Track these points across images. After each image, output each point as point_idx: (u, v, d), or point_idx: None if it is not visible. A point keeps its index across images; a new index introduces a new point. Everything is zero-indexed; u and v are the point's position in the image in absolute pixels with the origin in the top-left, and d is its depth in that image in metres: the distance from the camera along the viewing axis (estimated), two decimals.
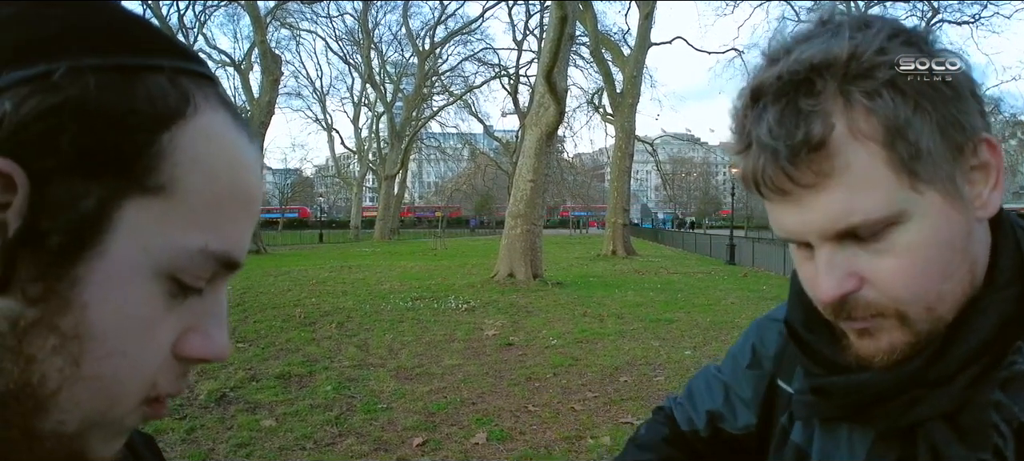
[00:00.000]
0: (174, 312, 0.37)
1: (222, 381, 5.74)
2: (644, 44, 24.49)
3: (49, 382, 0.33)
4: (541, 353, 6.99)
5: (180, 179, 0.35)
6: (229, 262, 0.39)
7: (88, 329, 0.34)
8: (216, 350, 0.40)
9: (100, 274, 0.33)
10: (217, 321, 0.40)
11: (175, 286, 0.37)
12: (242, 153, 0.39)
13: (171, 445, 4.27)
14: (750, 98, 0.56)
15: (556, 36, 11.82)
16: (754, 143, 0.55)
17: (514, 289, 12.30)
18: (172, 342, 0.38)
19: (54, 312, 0.33)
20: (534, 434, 4.54)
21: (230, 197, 0.38)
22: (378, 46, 44.25)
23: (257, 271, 16.87)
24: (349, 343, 7.53)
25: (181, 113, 0.36)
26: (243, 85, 29.03)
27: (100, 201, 0.33)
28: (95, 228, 0.33)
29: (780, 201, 0.57)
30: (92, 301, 0.33)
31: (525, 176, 13.31)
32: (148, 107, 0.34)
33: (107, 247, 0.34)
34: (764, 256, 18.76)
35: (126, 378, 0.36)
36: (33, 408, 0.34)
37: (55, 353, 0.33)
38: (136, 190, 0.34)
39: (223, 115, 0.38)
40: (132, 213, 0.34)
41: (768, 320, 0.85)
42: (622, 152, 24.10)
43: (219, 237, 0.37)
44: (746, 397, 0.84)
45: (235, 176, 0.38)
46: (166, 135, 0.35)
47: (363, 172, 49.97)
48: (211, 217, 0.37)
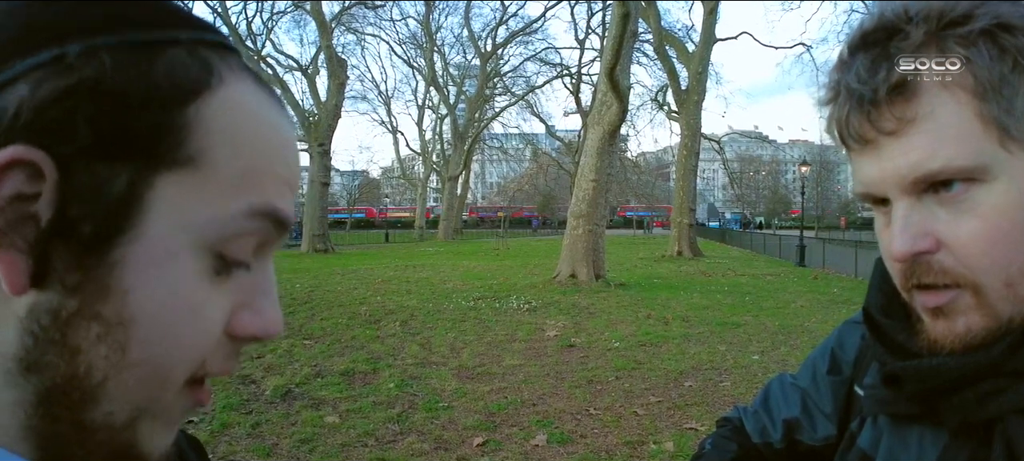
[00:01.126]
0: (222, 289, 0.36)
1: (288, 377, 5.88)
2: (709, 40, 24.01)
3: (96, 372, 0.33)
4: (603, 355, 6.90)
5: (210, 150, 0.34)
6: (276, 218, 0.37)
7: (132, 314, 0.33)
8: (268, 326, 0.38)
9: (139, 257, 0.33)
10: (267, 295, 0.39)
11: (220, 262, 0.36)
12: (274, 118, 0.38)
13: (236, 439, 4.39)
14: (845, 49, 0.55)
15: (618, 33, 11.67)
16: (842, 91, 0.54)
17: (576, 290, 12.21)
18: (223, 321, 0.37)
19: (95, 300, 0.32)
20: (595, 438, 4.46)
21: (266, 159, 0.37)
22: (441, 49, 44.85)
23: (325, 270, 17.31)
24: (412, 341, 7.61)
25: (205, 84, 0.35)
26: (310, 89, 29.76)
27: (130, 182, 0.32)
28: (128, 210, 0.32)
29: (861, 151, 0.55)
30: (134, 285, 0.33)
31: (587, 176, 13.19)
32: (169, 81, 0.33)
33: (143, 228, 0.33)
34: (835, 258, 18.21)
35: (176, 361, 0.35)
36: (81, 400, 0.33)
37: (100, 342, 0.32)
38: (166, 167, 0.33)
39: (248, 82, 0.37)
40: (165, 190, 0.33)
41: (850, 324, 0.80)
42: (688, 150, 23.68)
43: (261, 196, 0.36)
44: (826, 406, 0.79)
45: (268, 139, 0.37)
46: (191, 107, 0.34)
47: (427, 173, 50.68)
48: (248, 181, 0.36)
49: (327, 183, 27.11)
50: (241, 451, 4.19)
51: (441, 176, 46.32)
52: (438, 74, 44.16)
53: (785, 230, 46.28)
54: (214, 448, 4.21)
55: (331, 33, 27.84)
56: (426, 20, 41.40)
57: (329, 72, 26.12)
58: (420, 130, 50.06)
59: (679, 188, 24.38)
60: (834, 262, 18.08)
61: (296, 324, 8.83)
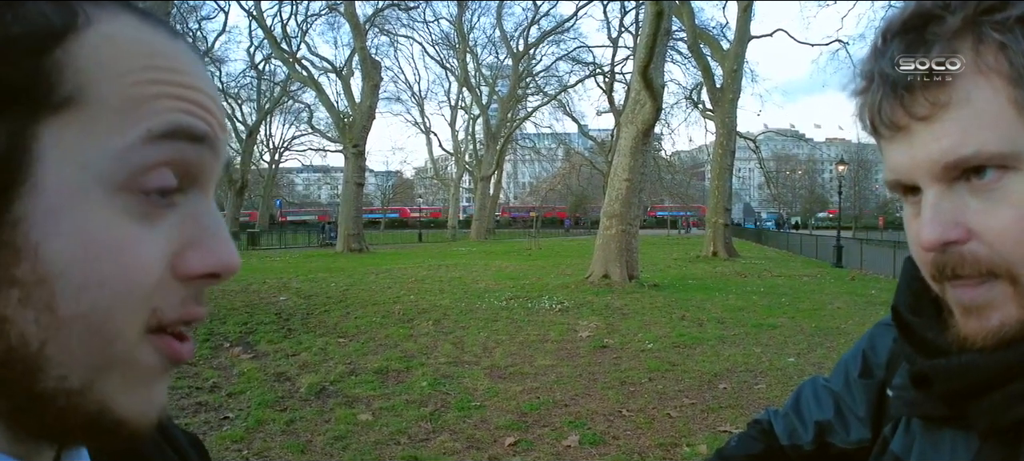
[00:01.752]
0: (155, 228, 0.35)
1: (322, 375, 5.96)
2: (743, 37, 23.67)
3: (30, 338, 0.32)
4: (636, 357, 6.84)
5: (89, 85, 0.33)
6: (188, 133, 0.36)
7: (49, 269, 0.32)
8: (218, 261, 0.37)
9: (41, 207, 0.32)
10: (212, 232, 0.37)
11: (143, 198, 0.34)
12: (159, 42, 0.37)
13: (271, 436, 4.46)
14: (879, 37, 0.54)
15: (652, 31, 11.57)
16: (876, 78, 0.53)
17: (609, 290, 12.13)
18: (166, 262, 0.35)
19: (7, 263, 0.31)
20: (628, 439, 4.43)
21: (157, 83, 0.35)
22: (473, 49, 44.96)
23: (359, 269, 17.50)
24: (445, 340, 7.65)
25: (70, 26, 0.33)
26: (345, 91, 30.11)
27: (10, 135, 0.31)
28: (17, 163, 0.31)
29: (892, 138, 0.54)
30: (43, 238, 0.32)
31: (621, 175, 13.11)
32: (24, 29, 0.32)
33: (38, 178, 0.32)
34: (873, 258, 17.83)
35: (111, 309, 0.33)
36: (25, 370, 0.32)
37: (24, 305, 0.31)
38: (45, 112, 0.32)
39: (125, 17, 0.36)
40: (53, 136, 0.32)
41: (881, 326, 0.78)
42: (723, 149, 23.39)
43: (159, 119, 0.35)
44: (859, 409, 0.78)
45: (156, 64, 0.36)
46: (58, 50, 0.33)
47: (459, 173, 50.92)
48: (141, 107, 0.34)
49: (362, 183, 27.39)
50: (275, 448, 4.25)
51: (473, 176, 46.49)
52: (471, 75, 44.35)
53: (822, 230, 45.41)
54: (249, 444, 4.28)
55: (365, 35, 28.14)
56: (459, 21, 41.60)
57: (363, 74, 26.39)
58: (453, 130, 50.34)
59: (714, 187, 24.09)
60: (872, 263, 17.70)
61: (331, 322, 8.94)
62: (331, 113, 27.90)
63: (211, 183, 0.38)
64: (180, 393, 5.36)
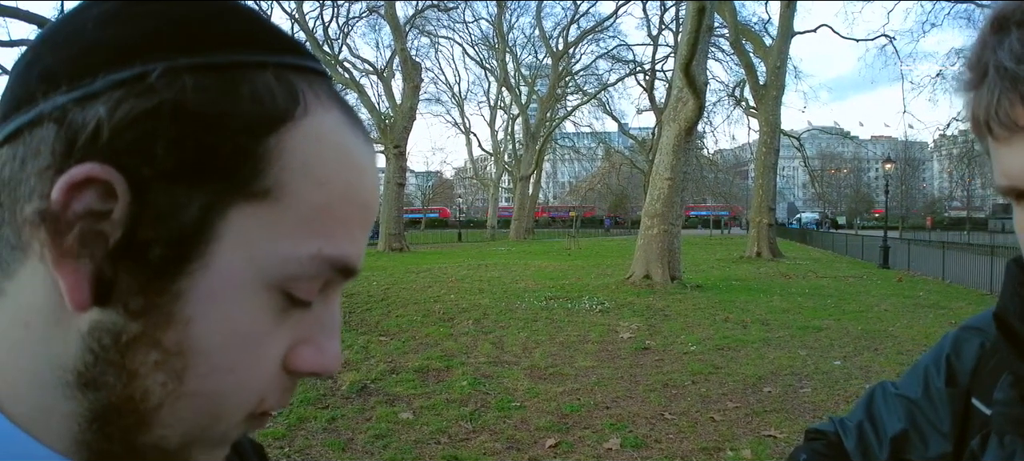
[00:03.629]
0: (284, 325, 0.35)
1: (364, 373, 6.01)
2: (787, 33, 23.14)
3: (151, 397, 0.32)
4: (679, 359, 6.74)
5: (288, 184, 0.33)
6: (345, 268, 0.36)
7: (192, 345, 0.32)
8: (327, 364, 0.38)
9: (204, 288, 0.32)
10: (329, 333, 0.38)
11: (285, 299, 0.35)
12: (357, 156, 0.36)
13: (313, 433, 4.51)
14: (991, 27, 0.49)
15: (694, 28, 11.40)
16: (991, 72, 0.48)
17: (650, 291, 11.99)
18: (282, 356, 0.36)
19: (156, 327, 0.32)
20: (670, 443, 4.36)
21: (343, 202, 0.35)
22: (512, 49, 44.95)
23: (400, 268, 17.66)
24: (485, 340, 7.65)
25: (289, 114, 0.33)
26: (386, 92, 30.39)
27: (202, 209, 0.32)
28: (198, 238, 0.32)
29: (1008, 140, 0.49)
30: (196, 316, 0.32)
31: (662, 174, 12.95)
32: (252, 108, 0.32)
33: (211, 259, 0.32)
34: (921, 259, 17.30)
35: (231, 395, 0.34)
36: (135, 423, 0.33)
37: (157, 368, 0.32)
38: (241, 197, 0.32)
39: (336, 115, 0.36)
40: (237, 222, 0.32)
41: (965, 331, 0.72)
42: (767, 147, 22.93)
43: (332, 243, 0.35)
44: (943, 423, 0.72)
45: (349, 180, 0.36)
46: (273, 138, 0.33)
47: (499, 173, 51.01)
48: (323, 223, 0.35)
49: (403, 184, 27.66)
50: (317, 445, 4.30)
51: (513, 176, 46.50)
52: (510, 75, 44.35)
53: (868, 230, 44.20)
54: (291, 441, 4.34)
55: (405, 36, 28.39)
56: (498, 21, 41.65)
57: (404, 75, 26.63)
58: (492, 131, 50.43)
59: (758, 186, 23.64)
60: (920, 264, 17.16)
61: (372, 321, 9.03)
62: (372, 114, 28.16)
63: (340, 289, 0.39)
64: None
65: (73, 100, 0.31)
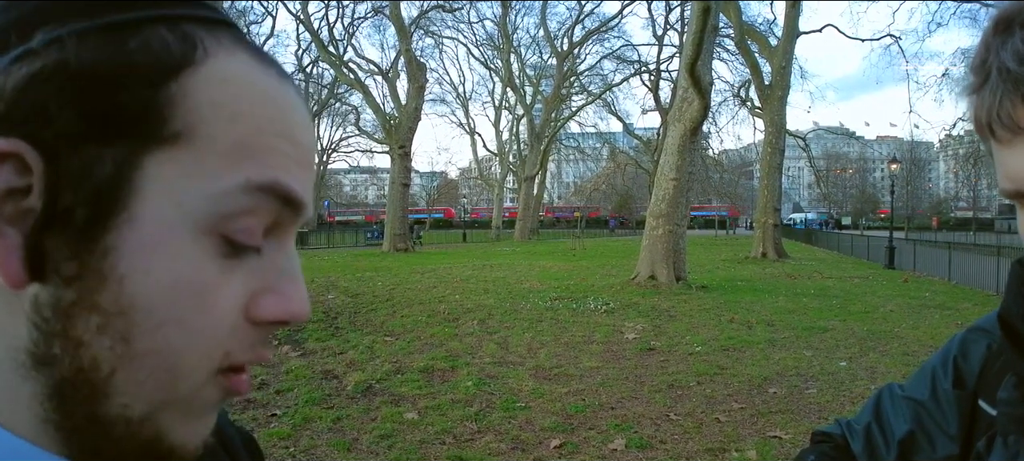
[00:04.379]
0: (236, 273, 0.35)
1: (369, 373, 6.02)
2: (792, 33, 23.11)
3: (102, 364, 0.32)
4: (684, 360, 6.73)
5: (199, 124, 0.33)
6: (284, 195, 0.36)
7: (131, 302, 0.32)
8: (293, 309, 0.37)
9: (134, 241, 0.32)
10: (290, 277, 0.37)
11: (226, 244, 0.34)
12: (272, 92, 0.36)
13: (318, 433, 4.52)
14: (995, 28, 0.49)
15: (699, 28, 11.38)
16: (994, 74, 0.48)
17: (655, 292, 11.98)
18: (242, 305, 0.35)
19: (92, 290, 0.32)
20: (675, 444, 4.35)
21: (266, 134, 0.35)
22: (517, 50, 44.98)
23: (405, 268, 17.68)
24: (490, 340, 7.65)
25: (189, 58, 0.33)
26: (391, 92, 30.43)
27: (116, 164, 0.32)
28: (117, 193, 0.32)
29: (1011, 142, 0.49)
30: (130, 271, 0.32)
31: (668, 174, 12.93)
32: (144, 58, 0.32)
33: (135, 210, 0.32)
34: (927, 260, 17.22)
35: (186, 349, 0.34)
36: (91, 394, 0.32)
37: (101, 332, 0.32)
38: (153, 145, 0.32)
39: (242, 56, 0.36)
40: (155, 170, 0.32)
41: (972, 332, 0.72)
42: (772, 148, 22.89)
43: (260, 170, 0.35)
44: (951, 426, 0.71)
45: (266, 111, 0.36)
46: (173, 84, 0.33)
47: (504, 173, 50.99)
48: (246, 154, 0.34)
49: (407, 184, 27.71)
50: (322, 445, 4.31)
51: (517, 176, 46.49)
52: (515, 75, 44.35)
53: (873, 230, 44.07)
54: (296, 441, 4.35)
55: (410, 37, 28.40)
56: (503, 21, 41.65)
57: (409, 76, 26.64)
58: (497, 131, 50.45)
59: (763, 186, 23.60)
60: (926, 265, 17.09)
61: (377, 321, 9.05)
62: (378, 115, 28.20)
63: (292, 232, 0.38)
64: None
65: None
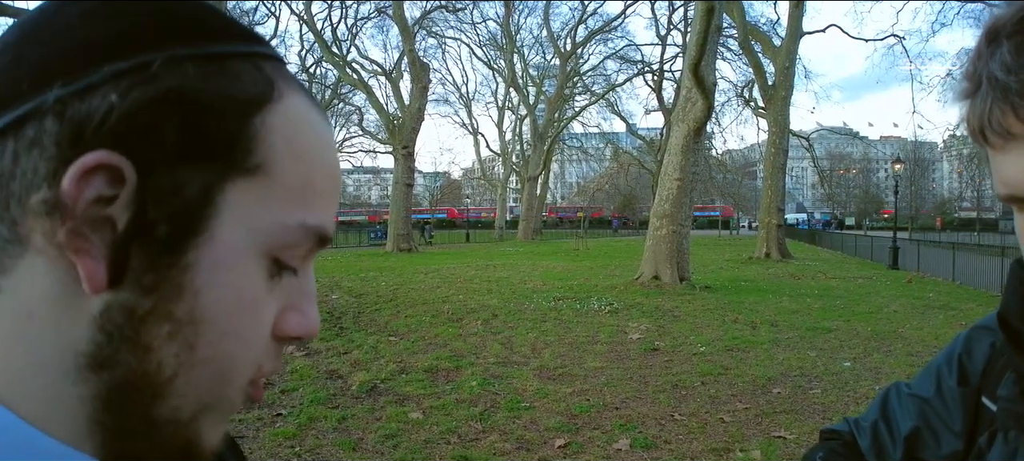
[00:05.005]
0: (274, 292, 0.38)
1: (374, 373, 6.04)
2: (795, 33, 23.08)
3: (166, 369, 0.34)
4: (688, 360, 6.74)
5: (274, 160, 0.36)
6: (323, 236, 0.39)
7: (201, 314, 0.34)
8: (311, 327, 0.40)
9: (209, 259, 0.34)
10: (310, 298, 0.41)
11: (275, 266, 0.37)
12: (323, 132, 0.40)
13: (323, 433, 4.53)
14: (985, 38, 0.50)
15: (702, 28, 11.38)
16: (984, 82, 0.50)
17: (659, 292, 11.98)
18: (272, 322, 0.38)
19: (168, 299, 0.34)
20: (680, 444, 4.36)
21: (319, 174, 0.39)
22: (520, 50, 44.96)
23: (409, 268, 17.70)
24: (494, 340, 7.67)
25: (268, 96, 0.36)
26: (394, 93, 30.47)
27: (204, 187, 0.34)
28: (201, 214, 0.34)
29: (1004, 148, 0.51)
30: (204, 286, 0.34)
31: (671, 174, 12.93)
32: (241, 92, 0.35)
33: (214, 231, 0.34)
34: (931, 260, 17.20)
35: (238, 359, 0.37)
36: (152, 396, 0.34)
37: (170, 340, 0.34)
38: (236, 173, 0.35)
39: (302, 96, 0.39)
40: (234, 196, 0.35)
41: (977, 330, 0.74)
42: (776, 148, 22.86)
43: (313, 213, 0.38)
44: (955, 422, 0.73)
45: (322, 154, 0.39)
46: (258, 118, 0.36)
47: (507, 174, 51.02)
48: (305, 194, 0.38)
49: (411, 185, 27.71)
50: (327, 445, 4.33)
51: (520, 176, 46.49)
52: (518, 75, 44.35)
53: (877, 231, 43.98)
54: (301, 441, 4.37)
55: (413, 37, 28.41)
56: (506, 22, 41.67)
57: (412, 76, 26.66)
58: (500, 131, 50.52)
59: (767, 187, 23.57)
60: (930, 265, 17.07)
61: (382, 321, 9.06)
62: (381, 115, 28.27)
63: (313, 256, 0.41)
64: None
65: (73, 92, 0.32)
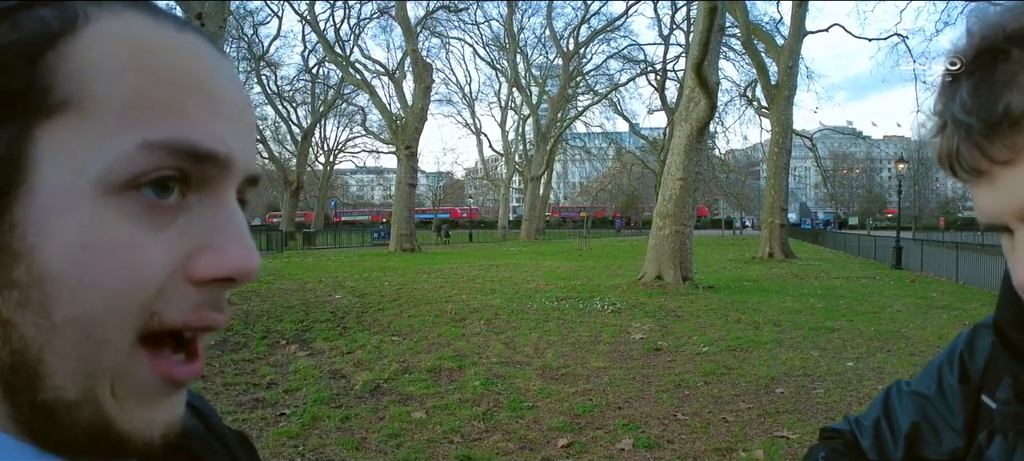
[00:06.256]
0: (166, 231, 0.34)
1: (376, 372, 6.05)
2: (798, 33, 23.05)
3: (31, 342, 0.32)
4: (691, 360, 6.73)
5: (86, 88, 0.33)
6: (191, 151, 0.34)
7: (43, 271, 0.32)
8: (232, 264, 0.36)
9: (36, 211, 0.32)
10: (229, 233, 0.36)
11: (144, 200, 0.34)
12: (170, 42, 0.35)
13: (327, 432, 4.54)
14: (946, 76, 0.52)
15: (705, 28, 11.37)
16: (949, 122, 0.51)
17: (662, 292, 11.98)
18: (175, 265, 0.35)
19: (6, 266, 0.32)
20: (683, 444, 4.36)
21: (158, 85, 0.34)
22: (523, 49, 44.97)
23: (411, 268, 17.71)
24: (497, 340, 7.67)
25: (67, 27, 0.33)
26: (397, 93, 30.49)
27: (8, 141, 0.32)
28: (14, 167, 0.32)
29: (977, 182, 0.52)
30: (37, 241, 0.32)
31: (674, 174, 12.92)
32: (17, 36, 0.33)
33: (34, 182, 0.32)
34: (935, 260, 17.13)
35: (105, 313, 0.33)
36: (28, 377, 0.32)
37: (23, 307, 0.32)
38: (41, 116, 0.32)
39: (132, 15, 0.35)
40: (47, 139, 0.32)
41: (978, 328, 0.75)
42: (779, 147, 22.83)
43: (157, 128, 0.34)
44: (956, 420, 0.73)
45: (165, 65, 0.35)
46: (51, 53, 0.33)
47: (510, 174, 51.03)
48: (140, 111, 0.34)
49: (414, 185, 27.73)
50: (330, 444, 4.33)
51: (523, 176, 46.50)
52: (521, 75, 44.37)
53: (880, 230, 43.94)
54: (305, 440, 4.37)
55: (416, 37, 28.44)
56: (509, 22, 41.70)
57: (415, 76, 26.70)
58: (503, 131, 50.47)
59: (770, 186, 23.54)
60: (933, 265, 17.01)
61: (385, 321, 9.07)
62: (384, 115, 28.30)
63: (228, 188, 0.37)
64: (237, 389, 5.52)
65: None
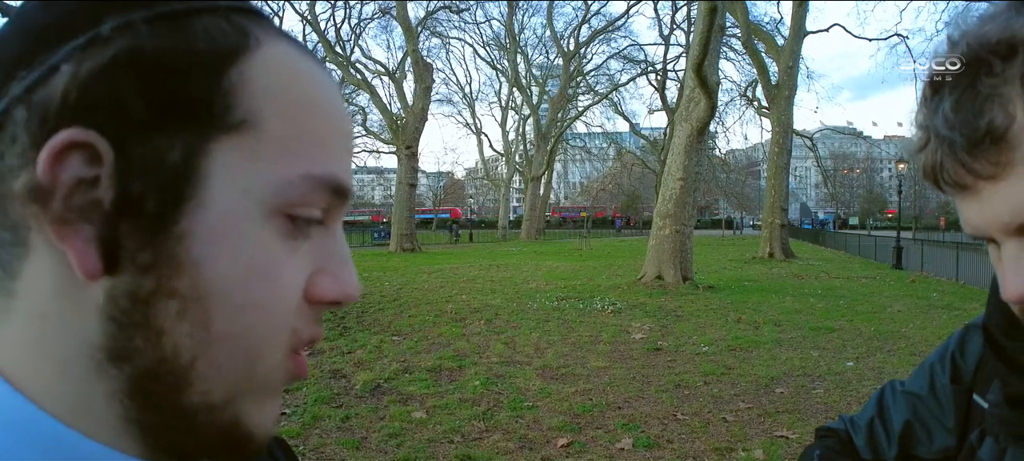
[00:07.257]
0: (297, 254, 0.35)
1: (377, 372, 6.06)
2: (799, 33, 23.05)
3: (183, 351, 0.32)
4: (691, 360, 6.74)
5: (260, 111, 0.34)
6: (337, 187, 0.36)
7: (208, 286, 0.32)
8: (347, 290, 0.38)
9: (205, 226, 0.32)
10: (342, 261, 0.38)
11: (290, 224, 0.35)
12: (321, 79, 0.37)
13: (327, 432, 4.55)
14: (928, 88, 0.52)
15: (705, 28, 11.37)
16: (932, 137, 0.51)
17: (662, 292, 11.98)
18: (302, 285, 0.36)
19: (169, 276, 0.32)
20: (682, 443, 4.37)
21: (318, 120, 0.36)
22: (524, 49, 44.99)
23: (412, 268, 17.72)
24: (497, 340, 7.68)
25: (244, 46, 0.34)
26: (397, 93, 30.44)
27: (185, 151, 0.32)
28: (187, 180, 0.32)
29: (962, 196, 0.53)
30: (204, 256, 0.32)
31: (674, 174, 12.93)
32: (207, 46, 0.33)
33: (205, 197, 0.32)
34: (935, 260, 17.12)
35: (262, 330, 0.34)
36: (175, 383, 0.33)
37: (181, 318, 0.32)
38: (219, 132, 0.33)
39: (287, 44, 0.37)
40: (222, 157, 0.33)
41: (970, 329, 0.76)
42: (779, 147, 22.83)
43: (318, 163, 0.35)
44: (948, 419, 0.75)
45: (316, 99, 0.36)
46: (234, 70, 0.33)
47: (510, 174, 51.03)
48: (304, 143, 0.35)
49: (414, 185, 27.73)
50: (331, 444, 4.34)
51: (524, 176, 46.52)
52: (521, 75, 44.38)
53: (881, 230, 43.95)
54: (305, 440, 4.38)
55: (417, 37, 28.42)
56: (509, 22, 41.70)
57: (415, 76, 26.70)
58: (503, 131, 50.46)
59: (771, 186, 23.53)
60: (933, 265, 17.00)
61: (385, 321, 9.08)
62: (384, 115, 28.28)
63: (339, 217, 0.39)
64: None
65: (37, 79, 0.31)
